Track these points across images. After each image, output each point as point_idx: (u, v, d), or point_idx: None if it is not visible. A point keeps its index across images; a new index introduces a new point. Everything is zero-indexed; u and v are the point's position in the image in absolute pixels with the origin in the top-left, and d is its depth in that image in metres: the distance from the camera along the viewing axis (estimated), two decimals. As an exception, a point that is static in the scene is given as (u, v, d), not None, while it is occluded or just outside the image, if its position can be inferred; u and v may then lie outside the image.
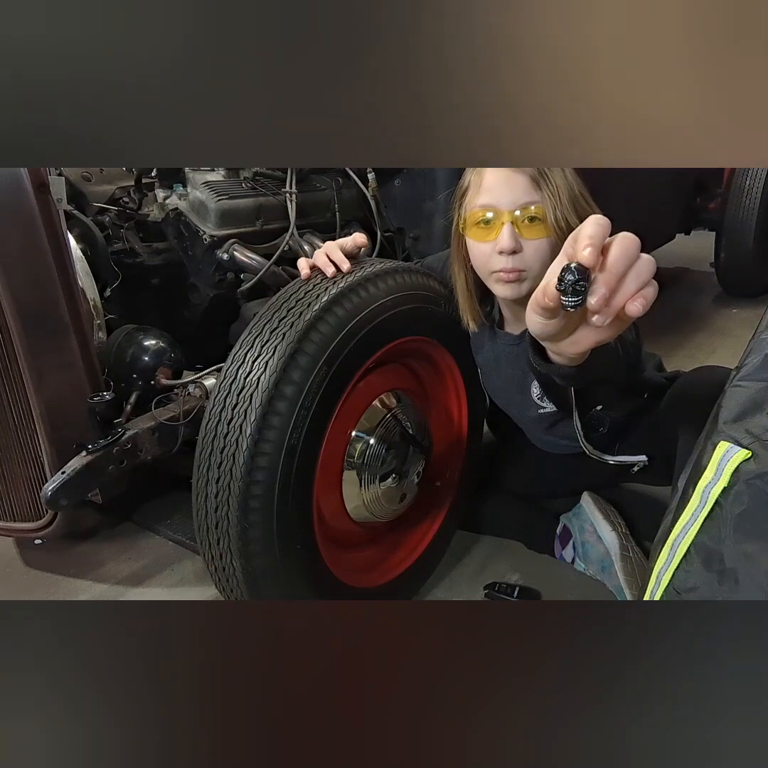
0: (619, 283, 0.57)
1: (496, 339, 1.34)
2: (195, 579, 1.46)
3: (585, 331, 0.63)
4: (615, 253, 0.57)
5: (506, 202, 1.11)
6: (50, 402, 1.20)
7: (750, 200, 3.10)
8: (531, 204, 1.10)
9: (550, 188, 1.10)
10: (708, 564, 0.68)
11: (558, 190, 1.10)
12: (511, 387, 1.36)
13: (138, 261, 1.60)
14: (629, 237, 0.58)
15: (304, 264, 1.17)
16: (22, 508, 1.32)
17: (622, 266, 0.57)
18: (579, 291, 0.57)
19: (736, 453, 0.69)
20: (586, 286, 0.57)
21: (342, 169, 1.80)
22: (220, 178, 1.62)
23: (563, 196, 1.10)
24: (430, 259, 1.49)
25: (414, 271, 1.24)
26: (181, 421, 1.30)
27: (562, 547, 1.46)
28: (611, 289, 0.57)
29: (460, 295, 1.27)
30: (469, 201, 1.16)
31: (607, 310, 0.58)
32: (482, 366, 1.42)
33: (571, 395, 1.24)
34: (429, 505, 1.44)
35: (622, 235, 0.58)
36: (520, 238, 1.11)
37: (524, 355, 0.93)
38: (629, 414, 1.38)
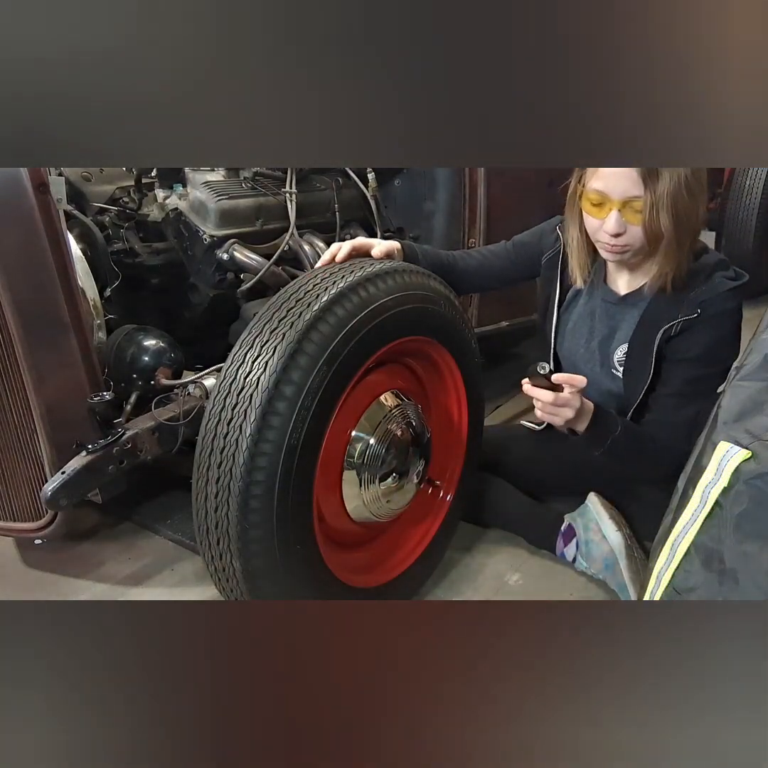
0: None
1: (595, 294, 1.45)
2: (195, 579, 1.46)
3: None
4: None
5: (617, 192, 1.22)
6: (50, 402, 1.20)
7: (750, 200, 3.09)
8: (637, 198, 1.20)
9: (654, 191, 1.18)
10: (708, 564, 0.68)
11: (663, 194, 1.18)
12: (592, 343, 1.46)
13: (138, 261, 1.60)
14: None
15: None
16: (22, 508, 1.32)
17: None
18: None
19: (736, 453, 0.69)
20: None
21: (342, 169, 1.80)
22: (220, 178, 1.62)
23: (667, 200, 1.18)
24: (520, 236, 1.57)
25: (414, 271, 1.24)
26: (181, 421, 1.30)
27: (564, 545, 1.46)
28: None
29: (572, 252, 1.39)
30: (586, 179, 1.27)
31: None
32: (569, 322, 1.50)
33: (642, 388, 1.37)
34: (429, 505, 1.44)
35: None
36: (625, 223, 1.23)
37: (620, 315, 1.41)
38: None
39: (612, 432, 1.28)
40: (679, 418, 1.32)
